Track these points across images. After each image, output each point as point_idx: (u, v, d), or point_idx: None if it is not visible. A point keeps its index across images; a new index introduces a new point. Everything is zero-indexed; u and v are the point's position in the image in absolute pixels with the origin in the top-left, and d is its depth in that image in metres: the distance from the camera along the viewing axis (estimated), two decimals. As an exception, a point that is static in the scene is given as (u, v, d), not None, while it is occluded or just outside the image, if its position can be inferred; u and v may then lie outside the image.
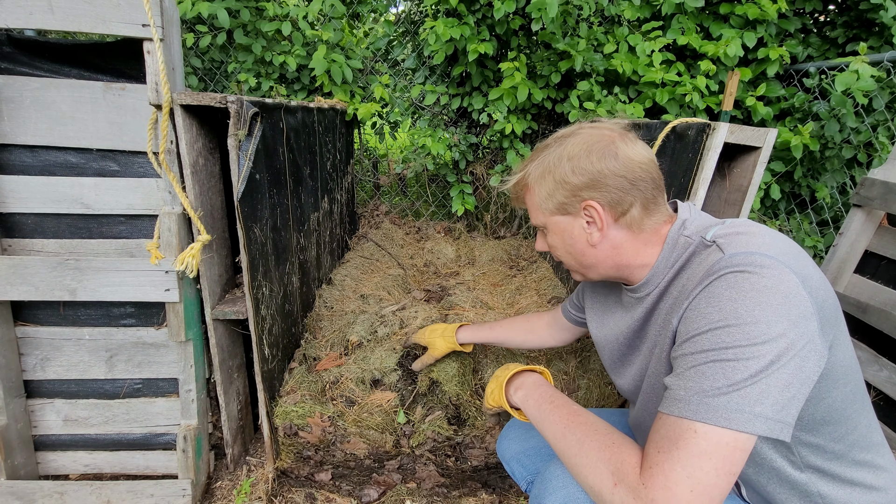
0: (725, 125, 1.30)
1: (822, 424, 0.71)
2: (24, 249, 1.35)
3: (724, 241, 0.71)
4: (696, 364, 0.63)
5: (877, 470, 0.76)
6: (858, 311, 1.55)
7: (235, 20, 2.27)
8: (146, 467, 1.50)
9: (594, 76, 2.31)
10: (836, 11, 2.48)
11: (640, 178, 0.79)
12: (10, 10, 1.13)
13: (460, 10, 2.21)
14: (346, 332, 1.70)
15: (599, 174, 0.79)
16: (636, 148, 0.81)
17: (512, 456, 1.14)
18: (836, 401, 0.69)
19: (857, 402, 0.73)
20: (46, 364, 1.40)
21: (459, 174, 2.65)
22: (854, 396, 0.72)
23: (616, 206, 0.80)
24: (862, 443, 0.75)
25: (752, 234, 0.70)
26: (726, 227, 0.75)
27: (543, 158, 0.85)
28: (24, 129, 1.27)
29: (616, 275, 0.87)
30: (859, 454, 0.75)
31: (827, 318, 0.64)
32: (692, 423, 0.60)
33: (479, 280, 2.23)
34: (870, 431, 0.76)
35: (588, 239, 0.84)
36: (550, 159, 0.84)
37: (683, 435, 0.60)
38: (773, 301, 0.60)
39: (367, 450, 1.42)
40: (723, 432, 0.59)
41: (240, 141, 1.13)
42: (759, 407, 0.58)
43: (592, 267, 0.87)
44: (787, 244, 0.69)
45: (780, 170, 2.38)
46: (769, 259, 0.64)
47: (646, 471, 0.62)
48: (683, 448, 0.60)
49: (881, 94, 2.12)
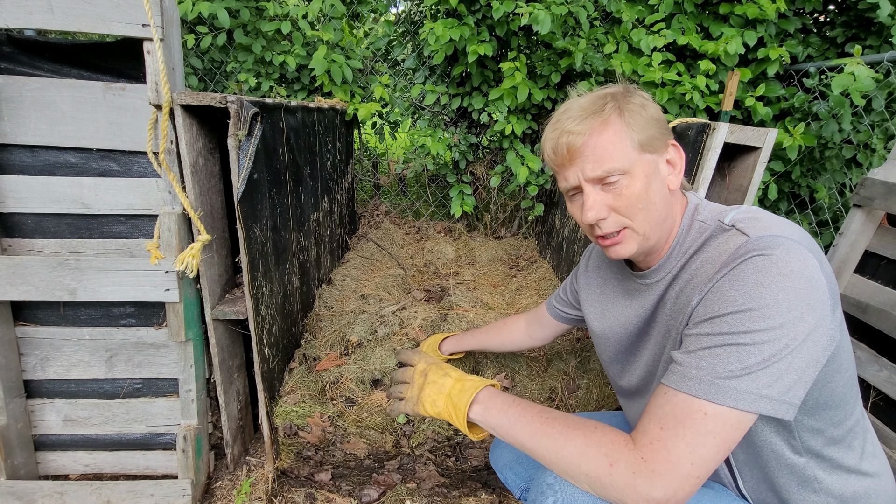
0: (725, 125, 1.30)
1: (823, 408, 0.71)
2: (24, 249, 1.35)
3: (744, 224, 0.71)
4: (712, 345, 0.63)
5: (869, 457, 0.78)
6: (858, 311, 1.55)
7: (235, 20, 2.27)
8: (146, 467, 1.50)
9: (594, 76, 2.31)
10: (835, 11, 2.48)
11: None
12: (10, 10, 1.13)
13: (460, 11, 2.21)
14: (346, 332, 1.70)
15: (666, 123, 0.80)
16: None
17: (505, 464, 1.12)
18: (839, 385, 0.70)
19: (854, 388, 0.74)
20: (46, 364, 1.40)
21: (459, 174, 2.65)
22: (852, 381, 0.73)
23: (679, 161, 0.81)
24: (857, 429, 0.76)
25: (769, 220, 0.70)
26: (742, 212, 0.75)
27: (626, 99, 0.78)
28: (24, 129, 1.27)
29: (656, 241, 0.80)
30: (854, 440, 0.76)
31: (836, 300, 0.66)
32: (703, 403, 0.61)
33: (479, 280, 2.23)
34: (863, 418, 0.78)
35: (665, 186, 0.79)
36: (636, 99, 0.78)
37: (692, 415, 0.62)
38: (796, 285, 0.61)
39: (367, 450, 1.42)
40: (730, 412, 0.60)
41: (240, 141, 1.13)
42: (767, 389, 0.60)
43: (660, 223, 0.79)
44: (800, 230, 0.70)
45: (779, 169, 2.38)
46: (794, 243, 0.64)
47: (645, 446, 0.64)
48: (690, 427, 0.62)
49: (880, 93, 2.12)
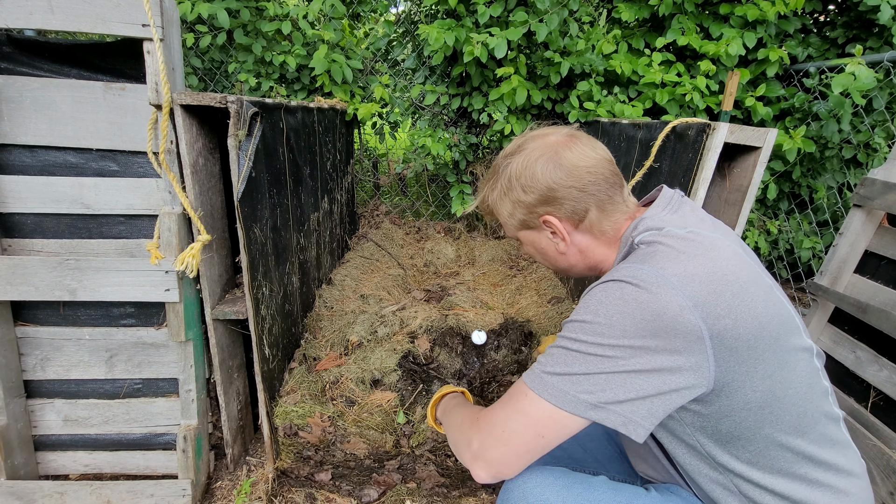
0: (725, 125, 1.30)
1: (731, 439, 0.72)
2: (24, 249, 1.35)
3: (637, 251, 0.75)
4: (553, 345, 0.73)
5: (812, 486, 0.73)
6: (858, 311, 1.55)
7: (235, 20, 2.27)
8: (146, 467, 1.50)
9: (594, 76, 2.31)
10: (835, 12, 2.48)
11: (589, 182, 0.80)
12: (10, 10, 1.12)
13: (459, 11, 2.21)
14: (346, 332, 1.70)
15: (548, 189, 0.81)
16: (583, 151, 0.81)
17: None
18: (747, 421, 0.70)
19: (785, 426, 0.70)
20: (46, 364, 1.40)
21: (459, 174, 2.65)
22: (777, 420, 0.70)
23: (573, 215, 0.83)
24: (788, 462, 0.72)
25: (671, 249, 0.70)
26: (658, 234, 0.75)
27: (497, 180, 0.89)
28: (23, 129, 1.27)
29: (593, 275, 0.92)
30: (792, 468, 0.73)
31: (735, 346, 0.65)
32: (527, 388, 0.73)
33: (479, 280, 2.23)
34: (806, 455, 0.72)
35: (556, 248, 0.88)
36: (503, 181, 0.87)
37: (517, 395, 0.74)
38: (636, 314, 0.65)
39: (367, 450, 1.42)
40: (545, 403, 0.70)
41: (240, 141, 1.13)
42: (587, 395, 0.67)
43: (569, 269, 0.93)
44: (709, 268, 0.67)
45: (779, 169, 2.38)
46: (658, 278, 0.66)
47: (483, 412, 0.80)
48: (512, 403, 0.74)
49: (881, 94, 2.12)
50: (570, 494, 0.76)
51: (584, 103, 2.27)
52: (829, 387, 0.77)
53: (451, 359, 1.70)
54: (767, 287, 0.71)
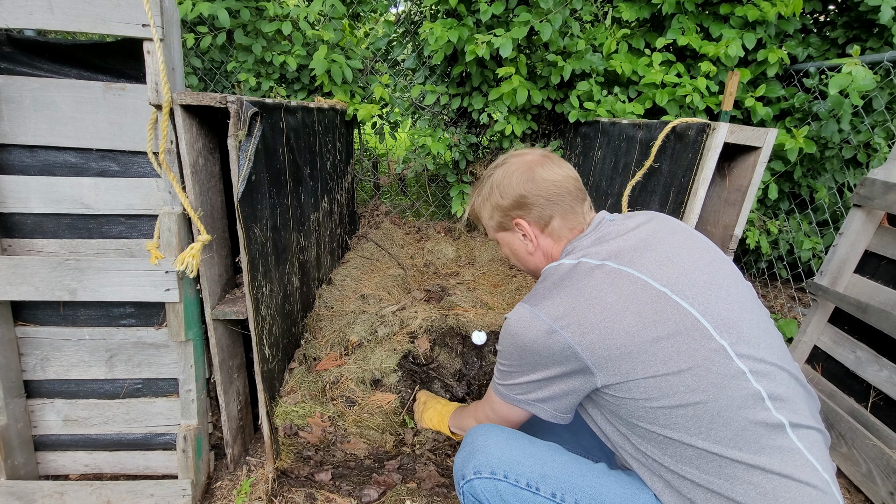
0: (725, 125, 1.30)
1: (637, 421, 0.83)
2: (24, 249, 1.35)
3: (542, 280, 0.96)
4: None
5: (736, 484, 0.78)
6: (858, 311, 1.55)
7: (235, 20, 2.27)
8: (146, 467, 1.50)
9: (594, 76, 2.31)
10: (835, 12, 2.48)
11: (553, 193, 0.98)
12: (10, 10, 1.12)
13: (460, 11, 2.21)
14: (346, 332, 1.70)
15: (521, 196, 1.00)
16: (552, 169, 1.00)
17: None
18: (648, 410, 0.81)
19: (689, 418, 0.78)
20: (46, 364, 1.40)
21: (459, 174, 2.65)
22: (677, 417, 0.79)
23: (539, 220, 1.01)
24: (698, 458, 0.78)
25: (551, 285, 0.90)
26: (557, 268, 0.93)
27: (481, 189, 1.10)
28: (23, 129, 1.27)
29: (529, 272, 1.14)
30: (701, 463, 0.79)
31: (608, 354, 0.81)
32: (491, 392, 1.04)
33: (479, 280, 2.23)
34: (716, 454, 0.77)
35: (526, 249, 1.06)
36: (486, 189, 1.08)
37: (489, 396, 1.06)
38: (515, 342, 0.90)
39: (368, 450, 1.42)
40: (500, 401, 1.01)
41: (240, 141, 1.13)
42: (515, 394, 0.96)
43: (536, 270, 1.08)
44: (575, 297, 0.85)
45: (779, 169, 2.38)
46: (529, 314, 0.87)
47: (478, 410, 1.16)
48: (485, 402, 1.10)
49: (881, 94, 2.12)
50: (513, 438, 0.99)
51: (584, 103, 2.27)
52: (764, 391, 0.76)
53: (451, 359, 1.70)
54: (656, 299, 0.81)
